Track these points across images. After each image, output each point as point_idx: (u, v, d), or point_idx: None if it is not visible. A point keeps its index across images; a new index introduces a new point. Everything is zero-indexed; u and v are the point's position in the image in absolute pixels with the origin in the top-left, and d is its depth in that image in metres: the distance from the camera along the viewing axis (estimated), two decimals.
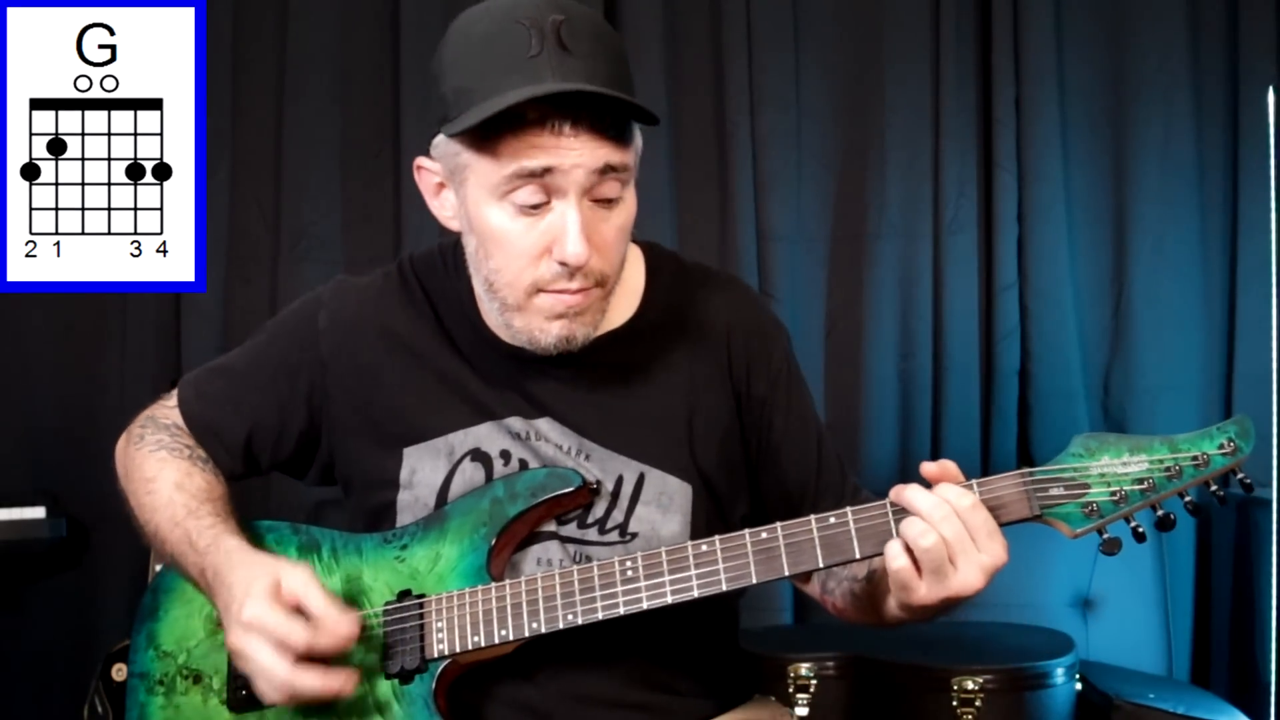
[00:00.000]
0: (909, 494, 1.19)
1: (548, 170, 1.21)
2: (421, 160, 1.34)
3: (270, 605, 1.21)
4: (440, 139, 1.28)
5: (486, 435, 1.37)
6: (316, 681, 1.21)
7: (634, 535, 1.36)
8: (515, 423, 1.37)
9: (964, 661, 2.40)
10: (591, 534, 1.35)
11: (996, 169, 3.10)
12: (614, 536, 1.35)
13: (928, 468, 1.21)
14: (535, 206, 1.24)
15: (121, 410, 3.05)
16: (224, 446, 1.46)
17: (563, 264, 1.25)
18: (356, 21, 3.11)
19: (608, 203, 1.27)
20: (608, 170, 1.24)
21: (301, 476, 1.51)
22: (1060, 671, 2.43)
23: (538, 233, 1.25)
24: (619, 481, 1.36)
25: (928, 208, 3.11)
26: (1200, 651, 3.05)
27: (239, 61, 3.07)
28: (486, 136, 1.22)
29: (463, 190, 1.29)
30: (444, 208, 1.34)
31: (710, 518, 1.39)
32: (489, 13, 1.25)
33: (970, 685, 2.35)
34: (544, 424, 1.37)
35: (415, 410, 1.39)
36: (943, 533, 1.15)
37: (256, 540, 1.39)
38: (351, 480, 1.46)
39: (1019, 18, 3.07)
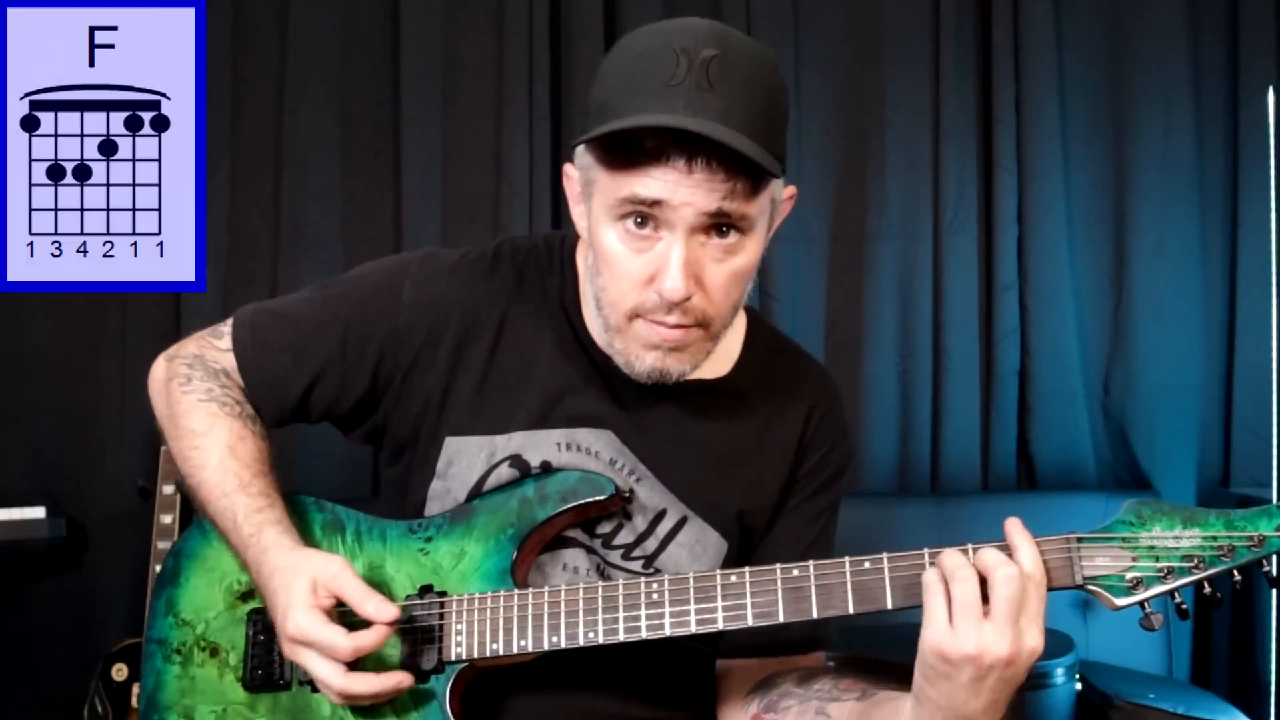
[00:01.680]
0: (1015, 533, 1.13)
1: (657, 202, 1.19)
2: (568, 167, 1.32)
3: (311, 615, 1.21)
4: (580, 149, 1.26)
5: (533, 443, 1.35)
6: (371, 685, 1.22)
7: (657, 571, 1.34)
8: (567, 433, 1.35)
9: None
10: (615, 556, 1.35)
11: (996, 169, 3.10)
12: (637, 565, 1.35)
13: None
14: (645, 234, 1.22)
15: (122, 410, 3.08)
16: (277, 399, 1.42)
17: (661, 295, 1.23)
18: (356, 21, 3.11)
19: (723, 246, 1.23)
20: (720, 215, 1.20)
21: (347, 433, 1.47)
22: (1060, 671, 2.43)
23: (644, 260, 1.23)
24: (660, 515, 1.35)
25: (928, 208, 3.11)
26: (1200, 651, 3.06)
27: (239, 61, 3.07)
28: (610, 156, 1.21)
29: (589, 204, 1.27)
30: (581, 217, 1.32)
31: None
32: (655, 33, 1.23)
33: None
34: (605, 436, 1.35)
35: (472, 401, 1.36)
36: (1028, 569, 1.10)
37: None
38: (397, 454, 1.43)
39: (1019, 18, 3.07)
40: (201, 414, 1.40)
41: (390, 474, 1.45)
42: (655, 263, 1.23)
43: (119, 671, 2.62)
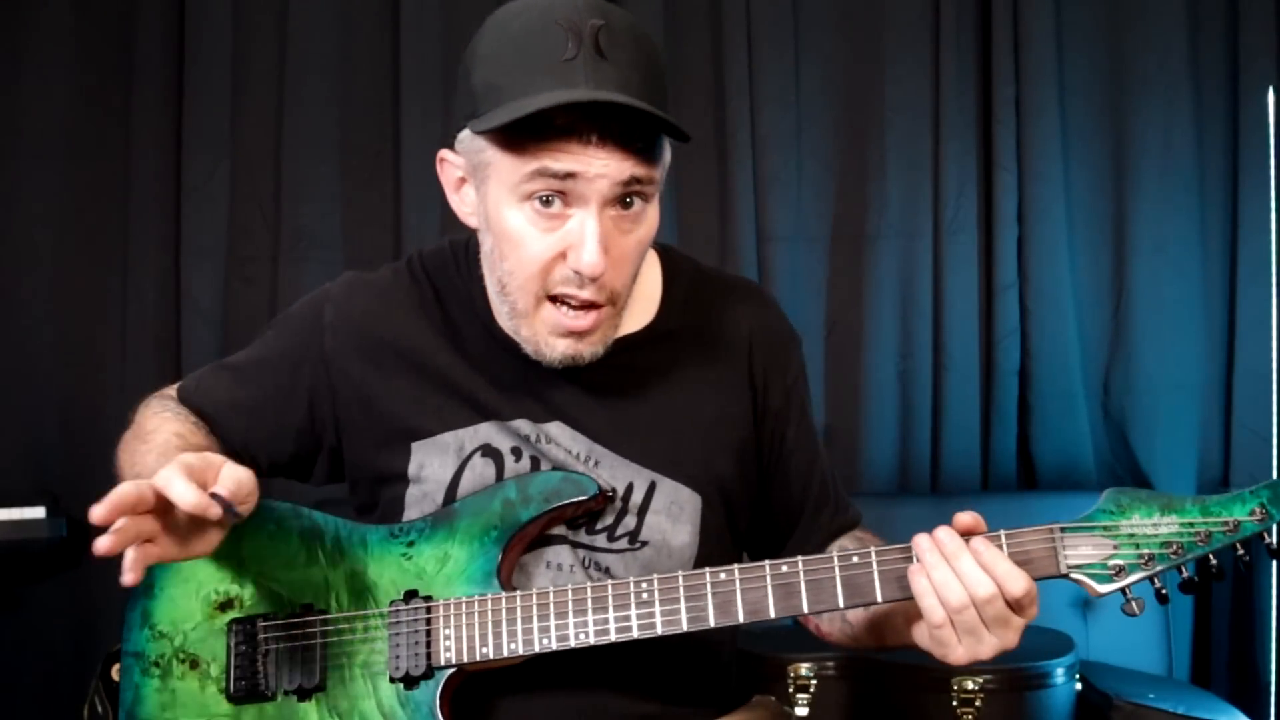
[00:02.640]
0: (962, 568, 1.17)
1: (570, 175, 1.19)
2: (444, 153, 1.32)
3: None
4: (465, 134, 1.26)
5: (496, 433, 1.36)
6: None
7: (644, 543, 1.34)
8: (523, 425, 1.36)
9: None
10: (600, 540, 1.34)
11: (996, 169, 3.10)
12: (623, 544, 1.34)
13: (961, 520, 1.21)
14: (553, 212, 1.22)
15: (122, 410, 3.05)
16: (220, 439, 1.44)
17: (576, 272, 1.23)
18: (356, 21, 3.11)
19: (629, 217, 1.25)
20: (632, 183, 1.22)
21: (306, 478, 1.49)
22: (1060, 671, 2.43)
23: (555, 238, 1.23)
24: (629, 489, 1.35)
25: (928, 208, 3.11)
26: (1200, 651, 3.05)
27: (239, 62, 3.07)
28: (512, 137, 1.21)
29: (484, 188, 1.27)
30: (463, 203, 1.33)
31: (720, 529, 1.39)
32: (527, 10, 1.23)
33: (970, 685, 2.35)
34: (554, 428, 1.36)
35: (423, 407, 1.38)
36: (984, 615, 1.16)
37: (257, 519, 1.36)
38: (357, 476, 1.44)
39: (1019, 18, 3.07)
40: (155, 420, 1.42)
41: (357, 500, 1.46)
42: (566, 239, 1.23)
43: (119, 671, 2.62)
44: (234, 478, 1.16)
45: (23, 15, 3.01)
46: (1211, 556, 1.17)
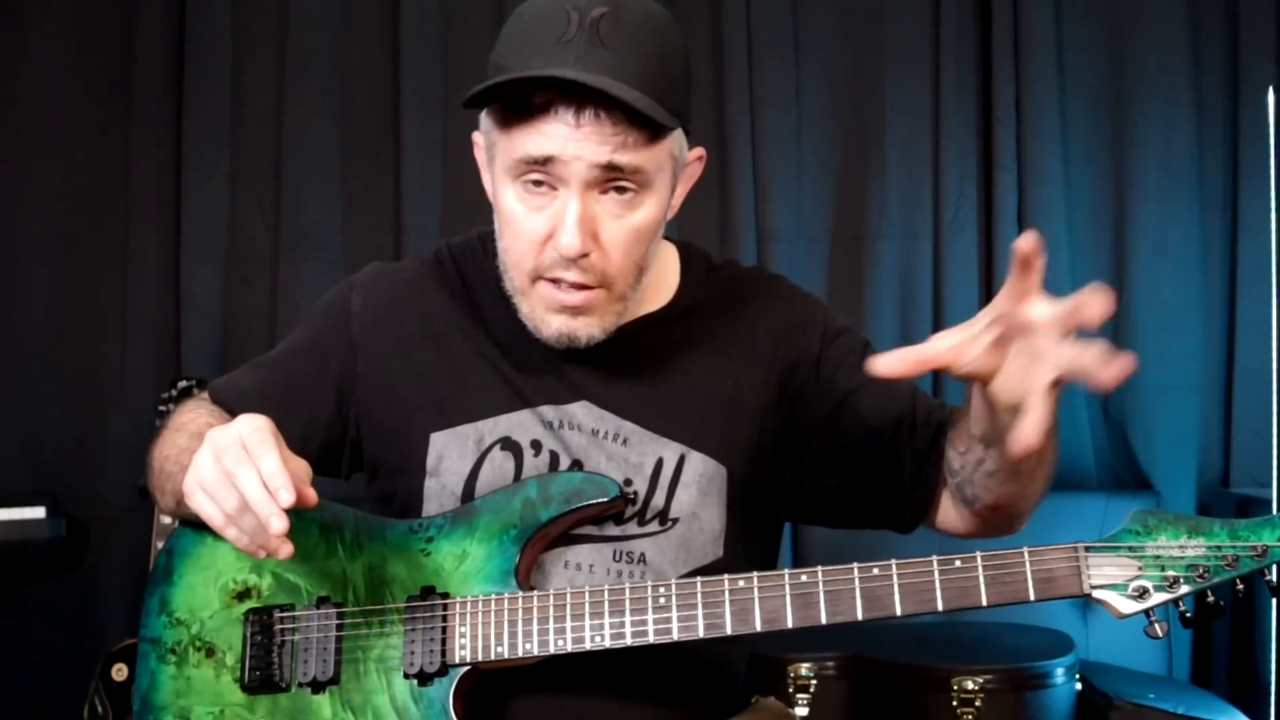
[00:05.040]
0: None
1: (550, 159, 1.21)
2: (475, 134, 1.35)
3: (266, 428, 1.17)
4: (484, 114, 1.28)
5: (518, 423, 1.36)
6: (243, 539, 1.17)
7: (674, 521, 1.34)
8: (547, 411, 1.36)
9: (964, 661, 2.40)
10: (631, 527, 1.34)
11: (996, 169, 3.10)
12: (654, 526, 1.34)
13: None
14: (542, 191, 1.24)
15: (122, 410, 3.08)
16: None
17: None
18: (356, 22, 3.11)
19: (621, 202, 1.25)
20: (614, 169, 1.22)
21: (336, 473, 1.49)
22: (1060, 671, 2.43)
23: (543, 218, 1.25)
24: (659, 464, 1.35)
25: (928, 208, 3.11)
26: (1200, 651, 3.05)
27: (239, 61, 3.07)
28: (504, 116, 1.23)
29: (492, 166, 1.30)
30: (489, 183, 1.35)
31: (747, 503, 1.38)
32: None
33: (970, 685, 2.35)
34: (579, 408, 1.36)
35: (446, 394, 1.38)
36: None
37: None
38: (377, 465, 1.44)
39: (1019, 18, 3.07)
40: (188, 415, 1.43)
41: (375, 490, 1.46)
42: (553, 220, 1.25)
43: (119, 671, 2.62)
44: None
45: (23, 17, 3.01)
46: (1238, 581, 1.15)
